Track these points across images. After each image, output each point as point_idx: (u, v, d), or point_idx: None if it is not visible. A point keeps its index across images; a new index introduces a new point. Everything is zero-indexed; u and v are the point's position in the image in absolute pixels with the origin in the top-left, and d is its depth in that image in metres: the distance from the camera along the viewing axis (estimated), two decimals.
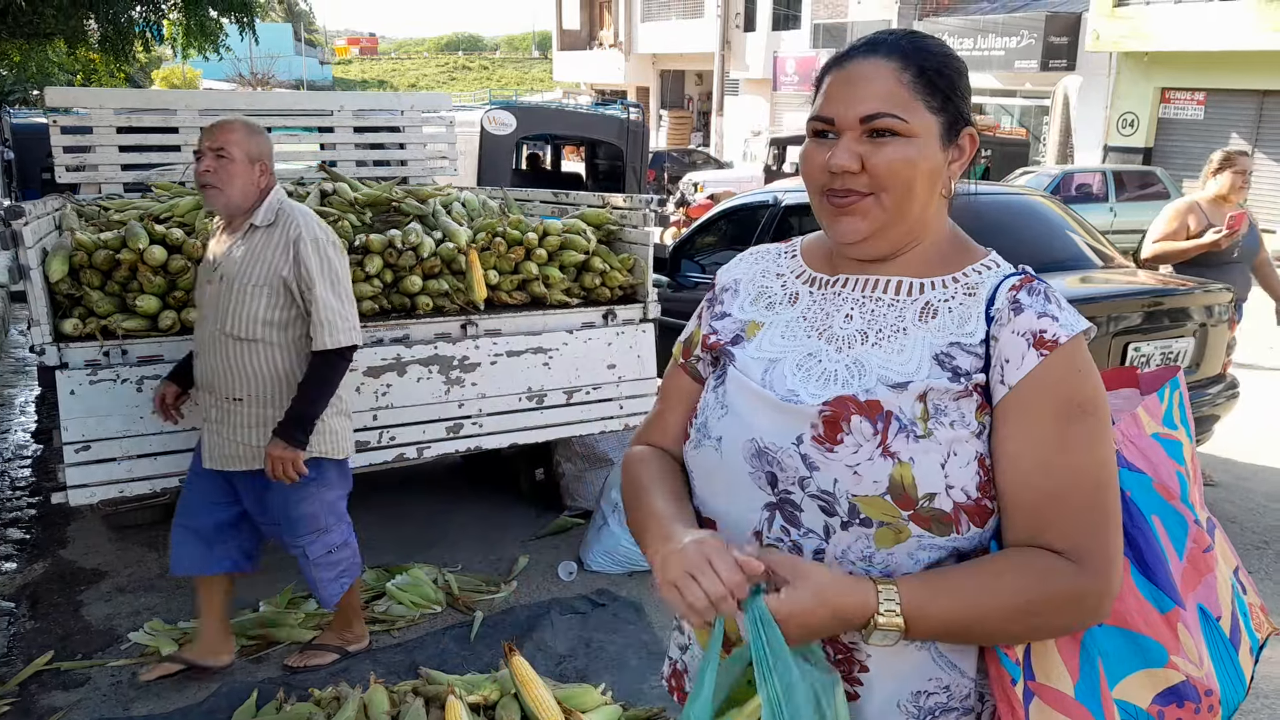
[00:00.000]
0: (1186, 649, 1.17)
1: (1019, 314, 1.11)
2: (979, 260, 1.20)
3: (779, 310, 1.26)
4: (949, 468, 1.09)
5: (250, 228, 2.78)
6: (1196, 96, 17.52)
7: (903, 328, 1.16)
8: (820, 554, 1.12)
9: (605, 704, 2.65)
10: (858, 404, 1.11)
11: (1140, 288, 4.27)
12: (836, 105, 1.15)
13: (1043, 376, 1.08)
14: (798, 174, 1.16)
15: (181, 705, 2.91)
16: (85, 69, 9.72)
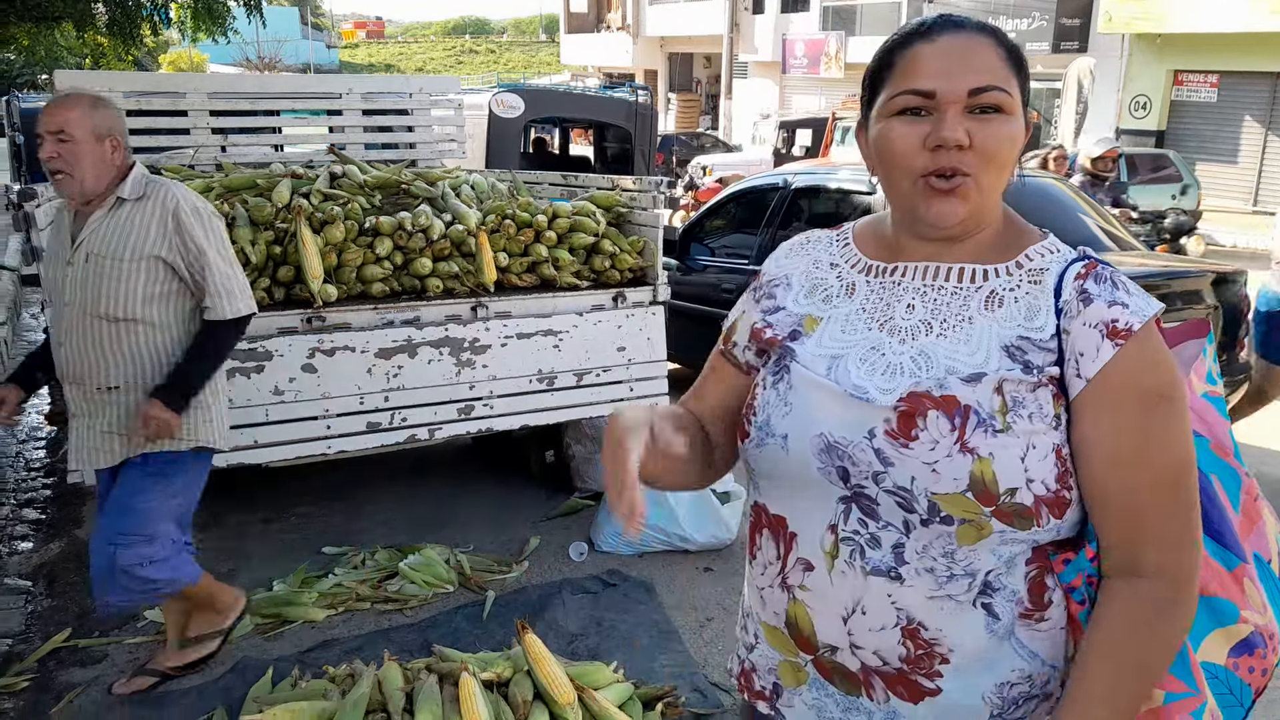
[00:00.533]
0: (1252, 600, 1.19)
1: (1089, 305, 1.09)
2: (1037, 243, 1.17)
3: (836, 303, 1.23)
4: (1028, 461, 1.07)
5: (117, 201, 2.58)
6: (1210, 79, 17.40)
7: (968, 317, 1.13)
8: (900, 547, 1.10)
9: (617, 681, 2.68)
10: (933, 399, 1.09)
11: (1152, 270, 4.26)
12: (938, 78, 1.09)
13: (1119, 367, 1.07)
14: (806, 157, 1.07)
15: (199, 683, 2.94)
16: (94, 53, 9.73)
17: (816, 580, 1.16)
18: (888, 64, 1.14)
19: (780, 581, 1.21)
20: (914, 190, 1.12)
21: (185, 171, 4.40)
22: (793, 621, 1.20)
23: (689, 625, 3.35)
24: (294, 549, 3.92)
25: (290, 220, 3.38)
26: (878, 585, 1.12)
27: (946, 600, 1.11)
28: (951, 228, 1.13)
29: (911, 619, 1.12)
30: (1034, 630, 1.13)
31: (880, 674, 1.15)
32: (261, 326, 3.23)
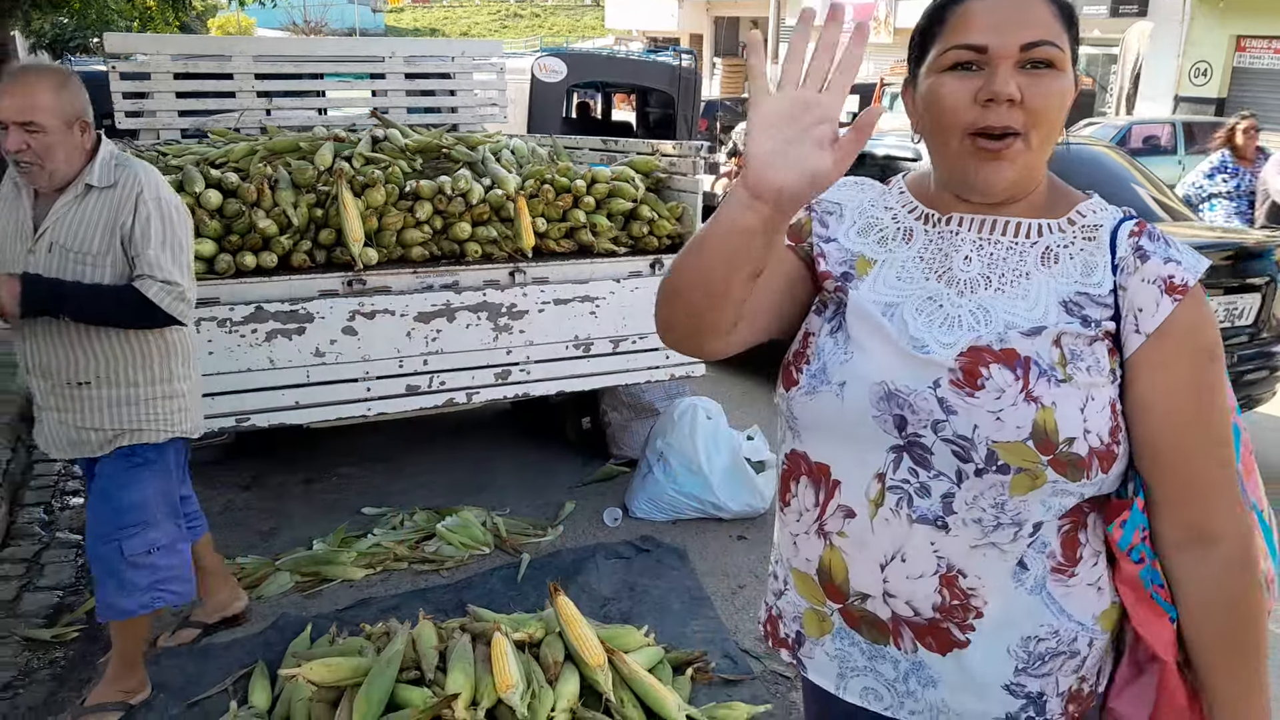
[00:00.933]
0: (1259, 546, 1.21)
1: (1146, 261, 1.10)
2: (1083, 202, 1.18)
3: (892, 247, 1.22)
4: (1087, 412, 1.08)
5: (86, 188, 2.38)
6: (1274, 45, 16.80)
7: (1025, 272, 1.14)
8: (949, 497, 1.11)
9: (648, 645, 2.70)
10: (993, 353, 1.10)
11: (1204, 240, 4.15)
12: (990, 32, 1.07)
13: (1178, 322, 1.09)
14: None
15: (240, 636, 3.02)
16: (142, 16, 9.82)
17: (856, 527, 1.16)
18: (939, 20, 1.13)
19: (817, 528, 1.21)
20: (962, 150, 1.11)
21: (231, 134, 4.45)
22: (826, 568, 1.21)
23: (721, 592, 3.36)
24: (334, 509, 3.98)
25: (332, 183, 3.40)
26: (922, 533, 1.12)
27: (990, 548, 1.12)
28: (999, 193, 1.13)
29: (952, 566, 1.13)
30: (1065, 586, 1.15)
31: (910, 624, 1.16)
32: (303, 289, 3.27)
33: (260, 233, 3.26)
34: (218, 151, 3.85)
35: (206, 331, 3.08)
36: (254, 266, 3.25)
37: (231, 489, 4.22)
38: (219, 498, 4.12)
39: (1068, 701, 1.18)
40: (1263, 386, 4.22)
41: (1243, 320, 4.09)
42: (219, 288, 3.16)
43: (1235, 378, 4.11)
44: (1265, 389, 4.25)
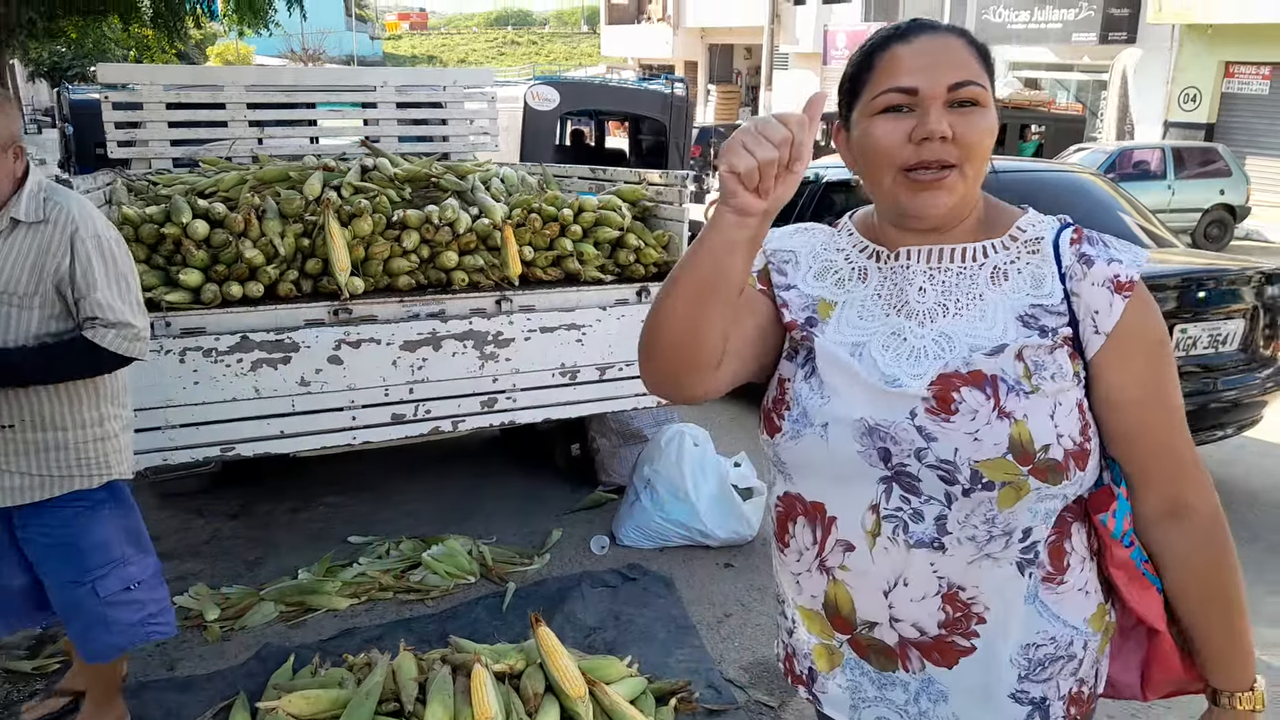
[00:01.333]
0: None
1: (1091, 266, 1.16)
2: (1020, 217, 1.24)
3: (850, 288, 1.26)
4: (1057, 417, 1.14)
5: (12, 224, 2.21)
6: (1262, 70, 16.95)
7: (978, 294, 1.19)
8: (942, 519, 1.15)
9: (630, 675, 2.69)
10: (961, 377, 1.14)
11: (1188, 268, 4.17)
12: (919, 75, 1.14)
13: (1131, 319, 1.15)
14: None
15: (222, 667, 3.00)
16: (139, 45, 9.90)
17: (857, 559, 1.21)
18: (867, 66, 1.19)
19: (818, 565, 1.25)
20: (896, 184, 1.17)
21: (222, 163, 4.47)
22: (831, 602, 1.25)
23: (707, 621, 3.35)
24: (320, 538, 3.98)
25: (319, 213, 3.42)
26: (920, 557, 1.17)
27: (986, 560, 1.17)
28: (936, 219, 1.18)
29: (952, 584, 1.18)
30: (1056, 594, 1.21)
31: (917, 645, 1.21)
32: (288, 318, 3.28)
33: (247, 262, 3.28)
34: (208, 181, 3.88)
35: (192, 361, 3.09)
36: (240, 296, 3.26)
37: (219, 518, 4.21)
38: (206, 527, 4.12)
39: (1069, 704, 1.24)
40: (1249, 411, 4.23)
41: (1228, 346, 4.11)
42: (205, 318, 3.17)
43: (1222, 403, 4.12)
44: (1251, 414, 4.25)
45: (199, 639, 3.21)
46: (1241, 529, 4.19)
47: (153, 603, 2.49)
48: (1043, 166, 5.25)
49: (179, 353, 3.06)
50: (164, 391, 3.05)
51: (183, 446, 3.11)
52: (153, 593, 2.50)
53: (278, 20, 9.28)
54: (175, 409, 3.08)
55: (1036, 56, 20.43)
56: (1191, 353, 4.02)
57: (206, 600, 3.39)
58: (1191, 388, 4.02)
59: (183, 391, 3.08)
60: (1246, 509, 4.41)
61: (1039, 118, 15.18)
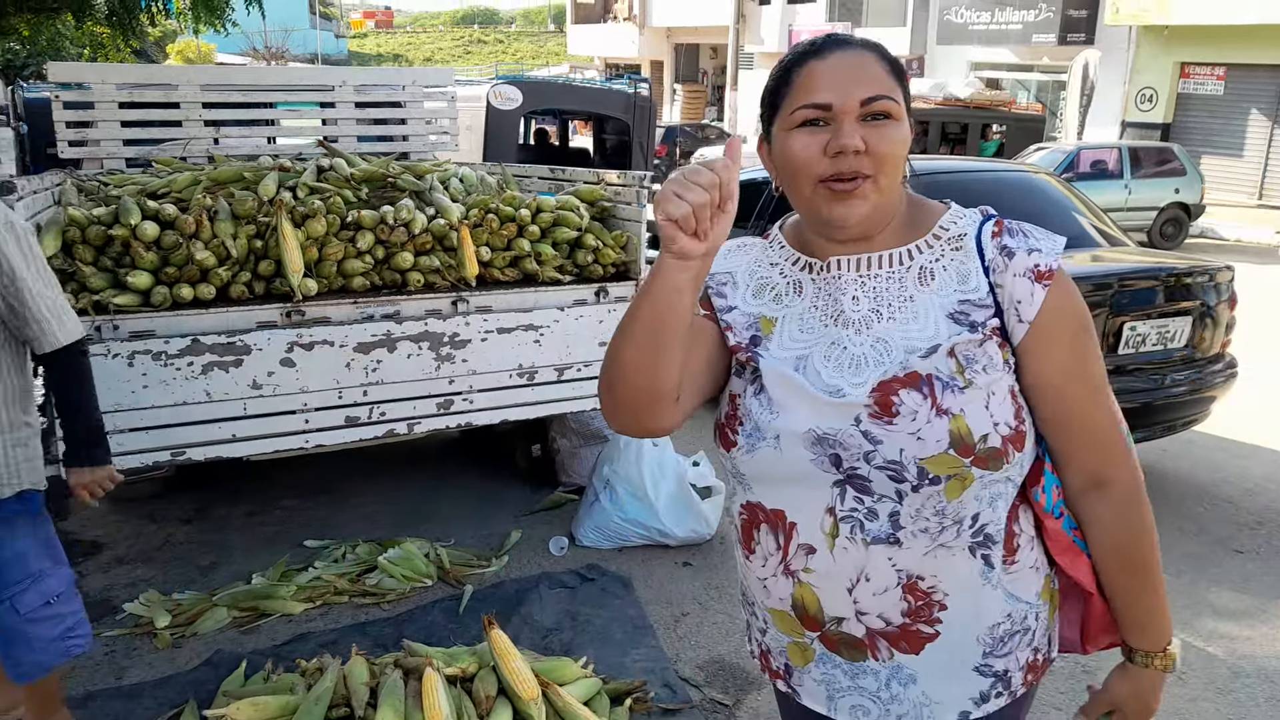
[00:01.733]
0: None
1: (1012, 257, 1.22)
2: (943, 214, 1.29)
3: (788, 303, 1.32)
4: (992, 406, 1.19)
5: None
6: (1217, 71, 17.27)
7: (908, 296, 1.25)
8: (895, 515, 1.21)
9: (584, 676, 2.69)
10: (900, 381, 1.20)
11: (1136, 266, 4.24)
12: (832, 90, 1.19)
13: (1052, 306, 1.20)
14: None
15: (171, 674, 2.97)
16: (93, 43, 9.72)
17: (820, 561, 1.26)
18: (785, 81, 1.24)
19: (783, 569, 1.30)
20: (817, 194, 1.22)
21: (176, 164, 4.41)
22: (799, 603, 1.30)
23: (664, 620, 3.36)
24: (276, 542, 3.94)
25: (272, 214, 3.38)
26: (879, 553, 1.23)
27: (940, 550, 1.23)
28: (854, 227, 1.23)
29: (911, 575, 1.23)
30: (1010, 574, 1.28)
31: (884, 635, 1.26)
32: (240, 320, 3.25)
33: (198, 264, 3.23)
34: (160, 182, 3.82)
35: (141, 365, 3.05)
36: (191, 299, 3.22)
37: (172, 523, 4.16)
38: (159, 532, 4.06)
39: (1027, 672, 1.32)
40: (1196, 407, 4.30)
41: (1175, 343, 4.18)
42: (155, 320, 3.13)
43: (1171, 399, 4.20)
44: (1199, 409, 4.33)
45: (149, 646, 3.17)
46: (1189, 523, 4.27)
47: (70, 615, 2.39)
48: (997, 167, 5.31)
49: (127, 356, 3.02)
50: (112, 395, 3.00)
51: (132, 451, 3.06)
52: (70, 605, 2.40)
53: (235, 20, 9.16)
54: (124, 413, 3.03)
55: (997, 57, 20.68)
56: (1141, 350, 4.09)
57: (157, 607, 3.34)
58: (1141, 384, 4.09)
59: (131, 395, 3.04)
60: (1194, 503, 4.49)
61: (1000, 117, 15.35)
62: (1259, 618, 3.46)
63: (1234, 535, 4.15)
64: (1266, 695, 3.00)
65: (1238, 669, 3.13)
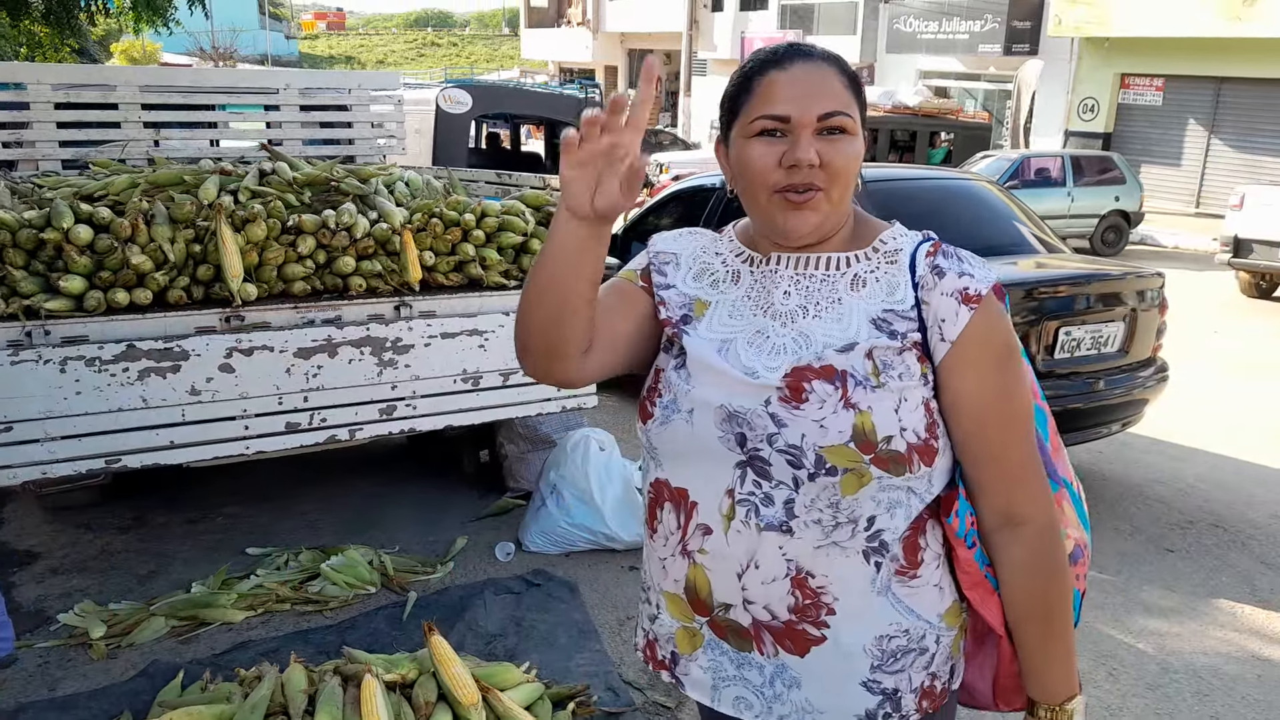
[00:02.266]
0: (1070, 518, 1.38)
1: (942, 277, 1.24)
2: (885, 231, 1.32)
3: (724, 289, 1.34)
4: (901, 412, 1.20)
5: None
6: (1155, 82, 17.75)
7: (837, 298, 1.27)
8: (790, 503, 1.21)
9: (526, 682, 2.69)
10: (814, 370, 1.22)
11: (1071, 272, 4.34)
12: (791, 103, 1.21)
13: (976, 328, 1.22)
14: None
15: (106, 685, 2.91)
16: (30, 42, 9.51)
17: (714, 543, 1.27)
18: (746, 89, 1.26)
19: (681, 549, 1.31)
20: (770, 204, 1.25)
21: (114, 166, 4.33)
22: (691, 585, 1.31)
23: (609, 624, 3.37)
24: (218, 550, 3.88)
25: (211, 218, 3.34)
26: (770, 539, 1.23)
27: (833, 548, 1.23)
28: (805, 237, 1.26)
29: (800, 568, 1.24)
30: (909, 587, 1.27)
31: (769, 628, 1.27)
32: (178, 326, 3.20)
33: (134, 269, 3.18)
34: (97, 184, 3.74)
35: (74, 371, 2.99)
36: (127, 304, 3.17)
37: (109, 531, 4.08)
38: (96, 541, 3.98)
39: (921, 698, 1.29)
40: (1131, 409, 4.42)
41: (1109, 347, 4.29)
42: (88, 325, 3.07)
43: (1106, 402, 4.31)
44: (1133, 411, 4.45)
45: (84, 658, 3.10)
46: (1123, 523, 4.38)
47: None
48: (939, 174, 5.40)
49: (59, 362, 2.96)
50: (43, 402, 2.94)
51: (64, 459, 3.00)
52: None
53: (178, 19, 9.00)
54: (55, 420, 2.97)
55: (945, 66, 21.05)
56: (1075, 354, 4.19)
57: (93, 617, 3.28)
58: (1075, 388, 4.19)
59: (63, 402, 2.98)
60: (1129, 503, 4.61)
61: (948, 125, 15.64)
62: (1187, 615, 3.57)
63: (1165, 535, 4.27)
64: (1194, 690, 3.09)
65: (1166, 665, 3.22)
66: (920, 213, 4.46)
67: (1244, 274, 10.61)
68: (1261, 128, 16.52)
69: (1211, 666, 3.22)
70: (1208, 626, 3.49)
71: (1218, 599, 3.70)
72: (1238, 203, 10.41)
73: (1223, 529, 4.34)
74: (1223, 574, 3.91)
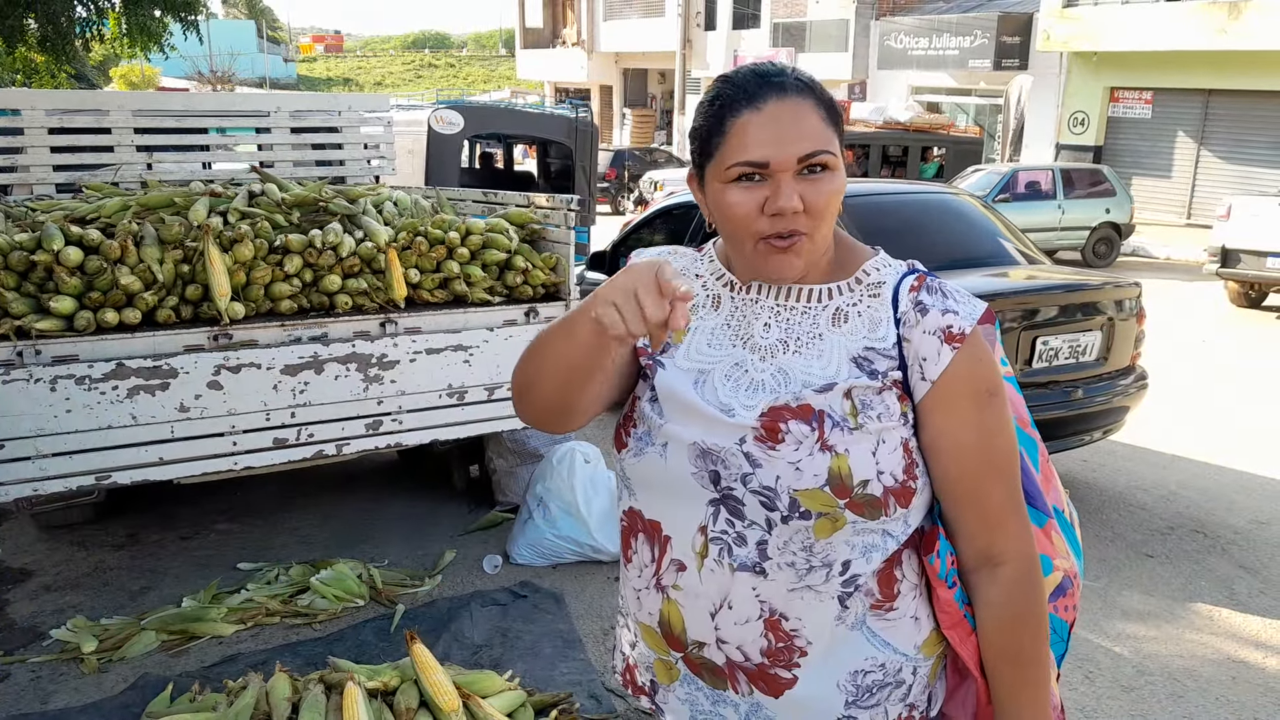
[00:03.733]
0: (1059, 549, 1.35)
1: (925, 314, 1.21)
2: (869, 259, 1.29)
3: (703, 315, 1.31)
4: (879, 454, 1.18)
5: None
6: (1144, 96, 17.88)
7: (818, 334, 1.24)
8: (763, 544, 1.19)
9: (508, 689, 2.73)
10: (791, 410, 1.19)
11: (1048, 283, 4.41)
12: (768, 148, 1.16)
13: (959, 368, 1.19)
14: None
15: (97, 699, 2.96)
16: (26, 69, 9.63)
17: (688, 579, 1.25)
18: (719, 130, 1.20)
19: (655, 583, 1.29)
20: (755, 251, 1.21)
21: (107, 189, 4.41)
22: (665, 620, 1.28)
23: (593, 634, 3.41)
24: (209, 566, 3.93)
25: (200, 239, 3.41)
26: (744, 580, 1.20)
27: (806, 591, 1.20)
28: (790, 280, 1.24)
29: (774, 610, 1.21)
30: (885, 620, 1.24)
31: (743, 669, 1.24)
32: (167, 344, 3.26)
33: (123, 289, 3.24)
34: (89, 207, 3.81)
35: (64, 389, 3.05)
36: (116, 323, 3.23)
37: (103, 549, 4.13)
38: (89, 559, 4.03)
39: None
40: (1111, 418, 4.48)
41: (1087, 356, 4.35)
42: (78, 345, 3.13)
43: (1085, 410, 4.36)
44: (1113, 419, 4.51)
45: (75, 672, 3.15)
46: (1105, 529, 4.43)
47: None
48: (920, 189, 5.48)
49: (49, 380, 3.02)
50: (34, 420, 3.00)
51: (55, 476, 3.06)
52: None
53: (173, 44, 9.12)
54: (46, 438, 3.03)
55: (936, 81, 21.22)
56: (1054, 363, 4.26)
57: (84, 632, 3.32)
58: (1054, 396, 4.25)
59: (54, 420, 3.04)
60: (1111, 510, 4.66)
61: (939, 140, 15.75)
62: (1164, 619, 3.61)
63: (1146, 540, 4.32)
64: (1169, 692, 3.14)
65: (1143, 668, 3.27)
66: (899, 227, 4.54)
67: (1233, 284, 10.69)
68: (1250, 138, 16.65)
69: (1187, 669, 3.27)
70: (1184, 630, 3.54)
71: (1196, 603, 3.75)
72: (1225, 213, 10.50)
73: (1203, 534, 4.39)
74: (1202, 579, 3.96)
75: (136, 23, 8.35)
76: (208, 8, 9.99)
